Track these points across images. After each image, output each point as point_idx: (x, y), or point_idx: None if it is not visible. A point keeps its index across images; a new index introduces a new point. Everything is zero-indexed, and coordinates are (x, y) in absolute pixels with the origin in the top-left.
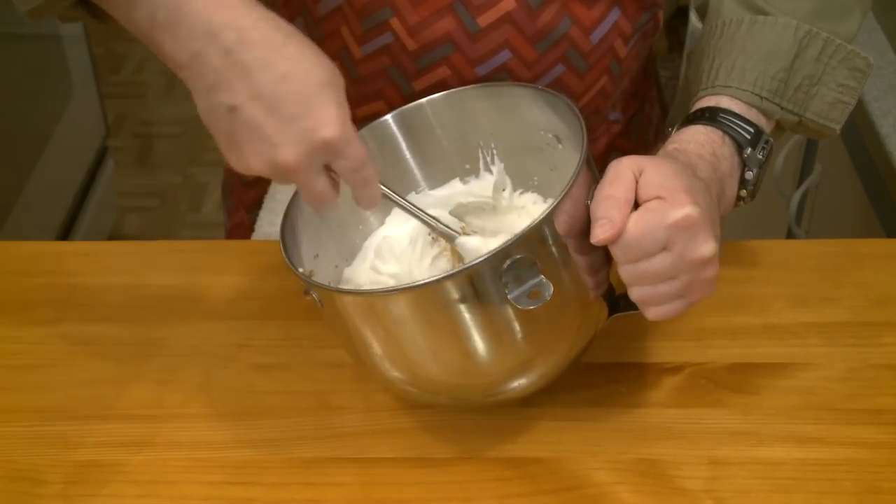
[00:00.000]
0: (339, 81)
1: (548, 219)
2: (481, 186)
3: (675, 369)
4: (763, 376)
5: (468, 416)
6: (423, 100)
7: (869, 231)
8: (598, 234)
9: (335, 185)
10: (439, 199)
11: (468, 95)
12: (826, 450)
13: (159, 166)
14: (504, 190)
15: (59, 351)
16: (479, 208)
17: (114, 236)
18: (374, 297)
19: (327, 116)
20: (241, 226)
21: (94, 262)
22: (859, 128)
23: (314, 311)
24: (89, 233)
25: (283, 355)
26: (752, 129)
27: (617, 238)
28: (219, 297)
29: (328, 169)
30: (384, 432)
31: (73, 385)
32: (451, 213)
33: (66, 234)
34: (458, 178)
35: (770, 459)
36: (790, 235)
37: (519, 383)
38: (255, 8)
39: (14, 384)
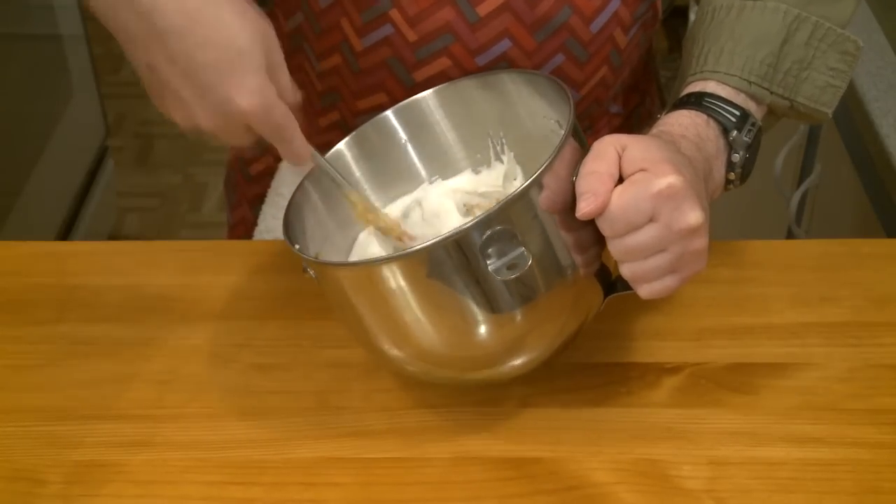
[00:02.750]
0: (263, 45)
1: (525, 192)
2: (493, 176)
3: (675, 369)
4: (763, 376)
5: (468, 416)
6: (422, 93)
7: (869, 231)
8: (583, 208)
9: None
10: (452, 188)
11: (465, 86)
12: (826, 450)
13: (159, 166)
14: (515, 179)
15: (59, 351)
16: (492, 200)
17: (114, 236)
18: (364, 268)
19: (243, 86)
20: (243, 221)
21: (94, 262)
22: (859, 128)
23: (314, 310)
24: (89, 233)
25: (283, 355)
26: (737, 113)
27: (601, 211)
28: (219, 297)
29: None
30: (384, 432)
31: (73, 385)
32: (465, 204)
33: (66, 234)
34: (469, 169)
35: (770, 459)
36: (790, 235)
37: (515, 361)
38: None
39: (14, 384)
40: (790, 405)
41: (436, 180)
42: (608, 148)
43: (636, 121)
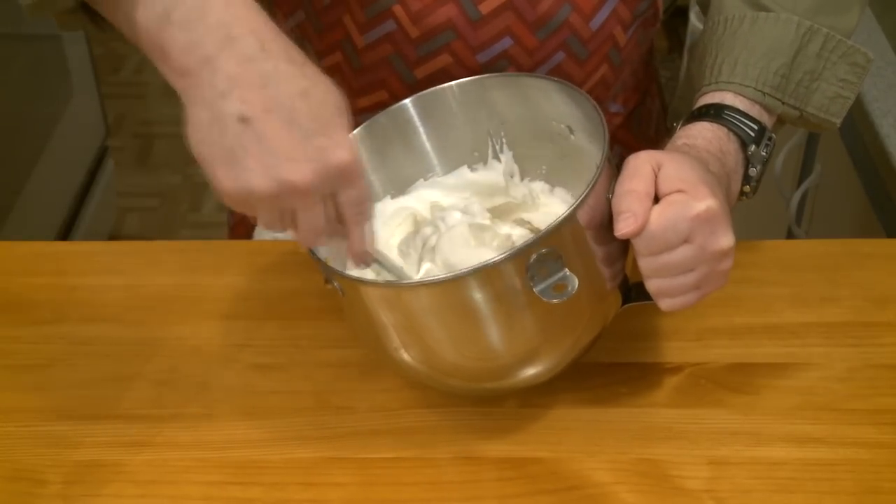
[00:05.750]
0: (348, 112)
1: (574, 214)
2: (489, 174)
3: (675, 369)
4: (763, 376)
5: (468, 416)
6: (444, 85)
7: (869, 231)
8: (623, 228)
9: (329, 222)
10: (448, 186)
11: (488, 84)
12: (826, 450)
13: (159, 166)
14: (512, 177)
15: (59, 351)
16: (515, 205)
17: (114, 236)
18: (402, 289)
19: (343, 139)
20: (244, 222)
21: (94, 262)
22: (859, 128)
23: (314, 310)
24: (89, 233)
25: (282, 355)
26: (756, 127)
27: (641, 231)
28: (219, 297)
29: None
30: (384, 432)
31: (73, 385)
32: (488, 210)
33: (66, 234)
34: (466, 166)
35: (770, 459)
36: (790, 235)
37: (532, 370)
38: (271, 22)
39: (14, 384)
40: (790, 405)
41: (431, 177)
42: (644, 165)
43: (637, 120)
